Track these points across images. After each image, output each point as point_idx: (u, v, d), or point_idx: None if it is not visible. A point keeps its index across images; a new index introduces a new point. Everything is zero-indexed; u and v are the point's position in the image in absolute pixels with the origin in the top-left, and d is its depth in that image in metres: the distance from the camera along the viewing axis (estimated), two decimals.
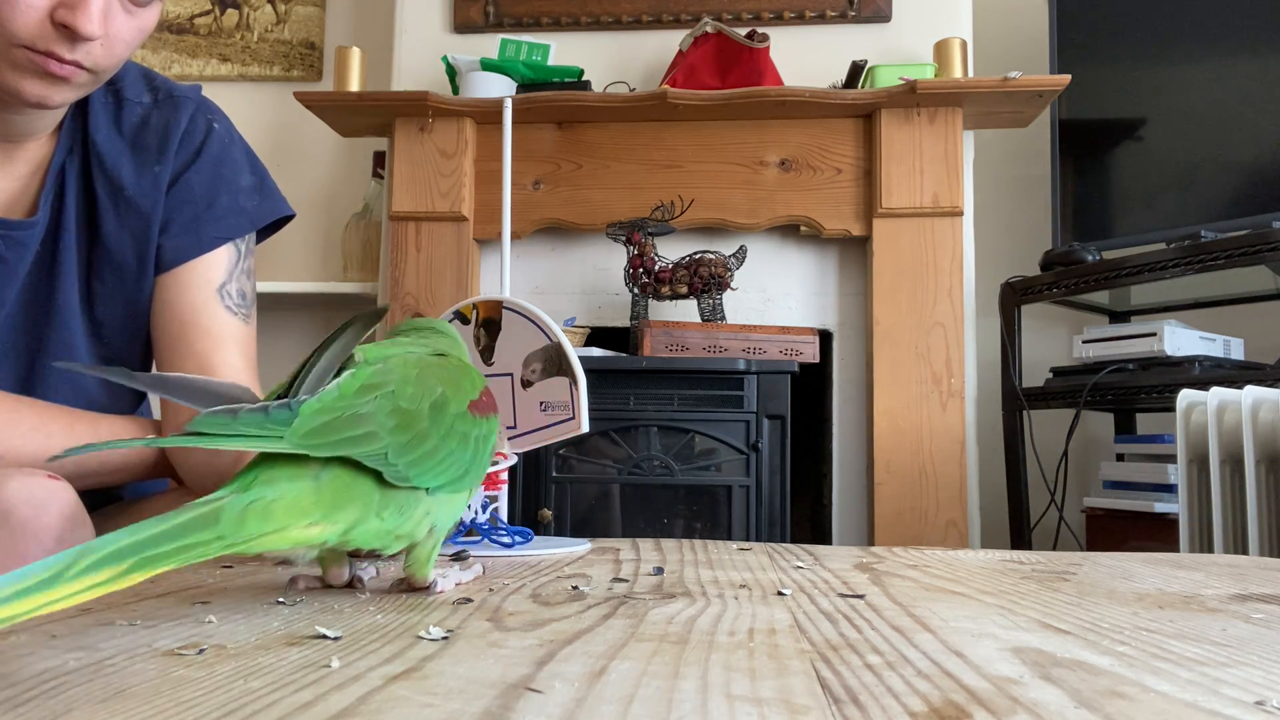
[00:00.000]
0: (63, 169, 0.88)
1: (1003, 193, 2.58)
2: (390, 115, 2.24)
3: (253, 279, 0.97)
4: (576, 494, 1.97)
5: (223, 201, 0.93)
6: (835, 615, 0.47)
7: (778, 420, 1.93)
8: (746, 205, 2.20)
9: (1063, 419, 2.15)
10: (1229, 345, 2.03)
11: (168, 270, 0.91)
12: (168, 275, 0.91)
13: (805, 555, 0.77)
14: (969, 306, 2.16)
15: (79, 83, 0.80)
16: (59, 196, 0.88)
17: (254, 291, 0.97)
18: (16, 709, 0.27)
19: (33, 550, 0.66)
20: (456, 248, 2.23)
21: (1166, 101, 2.20)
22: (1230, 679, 0.33)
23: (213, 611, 0.44)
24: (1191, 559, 0.77)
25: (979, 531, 2.13)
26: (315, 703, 0.28)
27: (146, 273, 0.91)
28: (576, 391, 0.82)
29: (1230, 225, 1.97)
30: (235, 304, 0.93)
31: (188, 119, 0.93)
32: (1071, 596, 0.54)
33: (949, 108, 2.13)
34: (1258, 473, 1.49)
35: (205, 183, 0.92)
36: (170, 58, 2.85)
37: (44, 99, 0.79)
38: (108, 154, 0.89)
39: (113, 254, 0.90)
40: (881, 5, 2.30)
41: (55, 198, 0.88)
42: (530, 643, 0.38)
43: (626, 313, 2.20)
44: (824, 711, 0.28)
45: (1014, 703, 0.29)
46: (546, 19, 2.38)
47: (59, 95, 0.80)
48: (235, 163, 0.95)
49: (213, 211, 0.92)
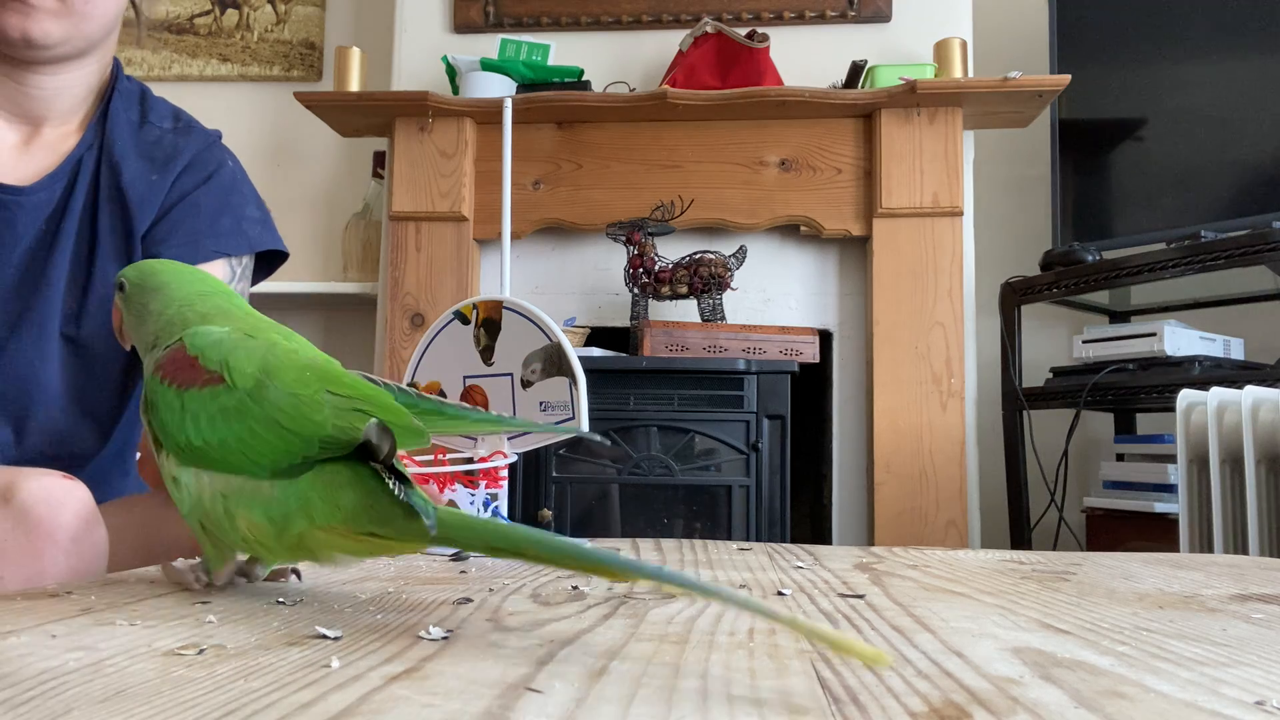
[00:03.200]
0: (79, 160, 0.94)
1: (1003, 193, 2.58)
2: (390, 115, 2.24)
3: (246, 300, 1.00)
4: (576, 494, 1.97)
5: (226, 223, 0.98)
6: (835, 615, 0.47)
7: (778, 420, 1.93)
8: (746, 205, 2.20)
9: (1063, 419, 2.15)
10: (1229, 345, 2.03)
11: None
12: None
13: (805, 555, 0.77)
14: (969, 306, 2.16)
15: (47, 8, 0.86)
16: (71, 182, 0.93)
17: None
18: (16, 709, 0.27)
19: (48, 548, 0.66)
20: (456, 248, 2.23)
21: (1166, 101, 2.20)
22: (1230, 679, 0.33)
23: (213, 611, 0.44)
24: (1191, 559, 0.77)
25: (979, 531, 2.13)
26: (315, 703, 0.28)
27: None
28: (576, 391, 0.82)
29: (1230, 225, 1.97)
30: None
31: (201, 148, 1.00)
32: (1071, 596, 0.54)
33: (949, 108, 2.13)
34: (1258, 473, 1.49)
35: (212, 204, 0.98)
36: (170, 58, 2.85)
37: (24, 31, 0.85)
38: (118, 153, 0.95)
39: (102, 245, 0.94)
40: (881, 5, 2.30)
41: (67, 183, 0.93)
42: (530, 643, 0.38)
43: (626, 313, 2.20)
44: (824, 712, 0.28)
45: (1014, 703, 0.29)
46: (546, 19, 2.38)
47: (36, 27, 0.86)
48: (244, 196, 1.02)
49: (215, 228, 0.97)
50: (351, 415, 0.46)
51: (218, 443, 0.48)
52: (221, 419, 0.48)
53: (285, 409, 0.47)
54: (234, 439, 0.47)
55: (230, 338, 0.51)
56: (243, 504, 0.48)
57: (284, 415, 0.47)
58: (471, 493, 0.80)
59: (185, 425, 0.49)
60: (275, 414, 0.47)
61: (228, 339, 0.51)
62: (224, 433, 0.48)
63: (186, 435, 0.49)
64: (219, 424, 0.48)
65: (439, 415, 0.52)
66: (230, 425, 0.47)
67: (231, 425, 0.47)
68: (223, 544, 0.50)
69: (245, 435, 0.47)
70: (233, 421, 0.48)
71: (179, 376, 0.51)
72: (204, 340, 0.51)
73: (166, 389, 0.51)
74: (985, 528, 2.21)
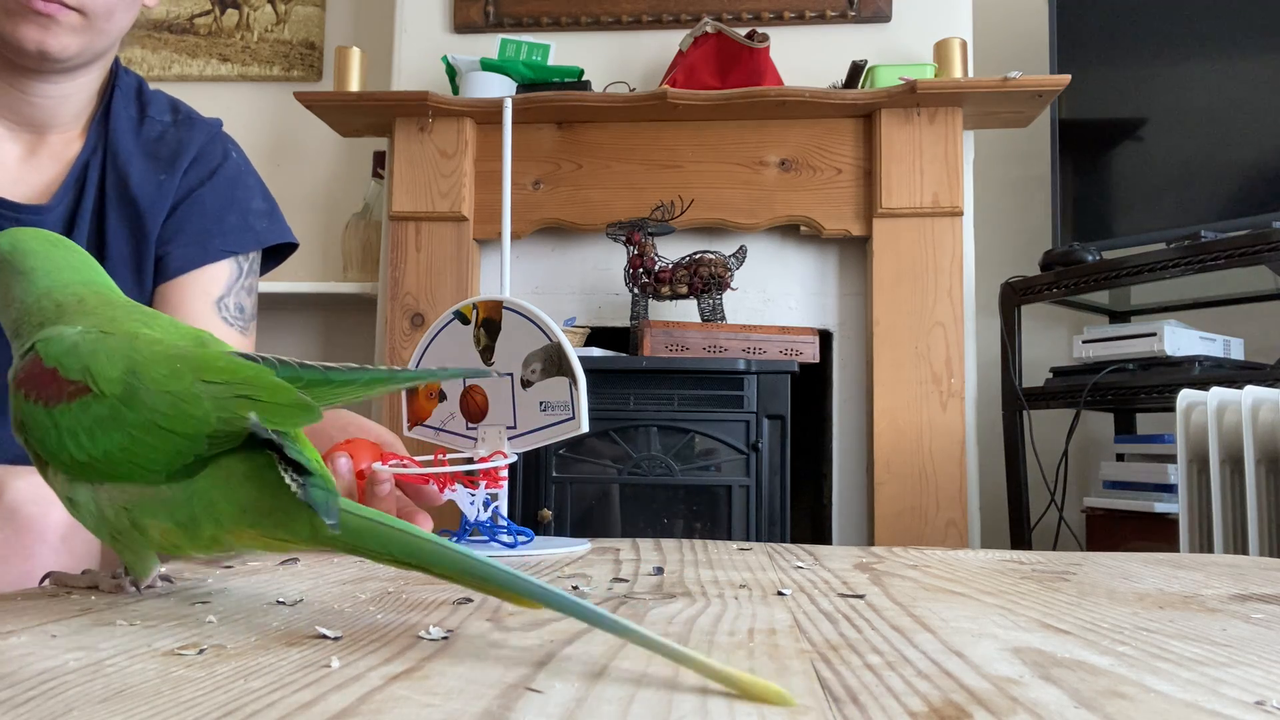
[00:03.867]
0: (85, 166, 0.93)
1: (1003, 193, 2.58)
2: (390, 115, 2.24)
3: (254, 296, 1.00)
4: (576, 494, 1.97)
5: (232, 219, 0.98)
6: (835, 615, 0.47)
7: (778, 420, 1.93)
8: (746, 205, 2.20)
9: (1063, 419, 2.15)
10: (1229, 345, 2.03)
11: (170, 279, 0.94)
12: (169, 285, 0.94)
13: (805, 555, 0.77)
14: (969, 306, 2.16)
15: (69, 24, 0.85)
16: (79, 191, 0.93)
17: (254, 307, 1.01)
18: (16, 709, 0.27)
19: (37, 547, 0.66)
20: (456, 248, 2.23)
21: (1166, 101, 2.20)
22: (1230, 679, 0.33)
23: (213, 611, 0.44)
24: (1191, 559, 0.77)
25: (979, 531, 2.13)
26: (315, 703, 0.28)
27: (143, 276, 0.94)
28: (576, 391, 0.82)
29: (1230, 225, 1.97)
30: (233, 316, 0.96)
31: (204, 141, 0.99)
32: (1071, 596, 0.54)
33: (949, 108, 2.13)
34: (1258, 473, 1.49)
35: (218, 200, 0.97)
36: (170, 58, 2.85)
37: (41, 44, 0.85)
38: (123, 155, 0.94)
39: (112, 250, 0.93)
40: (881, 5, 2.30)
41: (75, 192, 0.93)
42: (530, 643, 0.38)
43: (626, 313, 2.20)
44: (824, 711, 0.28)
45: (1014, 703, 0.29)
46: (546, 19, 2.38)
47: (55, 41, 0.85)
48: (249, 188, 1.01)
49: (221, 226, 0.96)
50: (234, 403, 0.43)
51: (101, 455, 0.44)
52: (99, 430, 0.44)
53: (162, 409, 0.44)
54: (117, 449, 0.44)
55: (86, 339, 0.47)
56: (147, 512, 0.45)
57: (162, 416, 0.43)
58: (471, 493, 0.80)
59: (64, 443, 0.45)
60: (153, 416, 0.44)
61: (84, 341, 0.47)
62: (105, 444, 0.44)
63: (68, 453, 0.45)
64: (98, 436, 0.44)
65: (326, 384, 0.46)
66: (110, 436, 0.44)
67: (111, 435, 0.44)
68: (140, 552, 0.48)
69: (127, 444, 0.44)
70: (110, 431, 0.44)
71: (42, 392, 0.46)
72: (58, 347, 0.47)
73: (33, 407, 0.47)
74: (985, 528, 2.21)
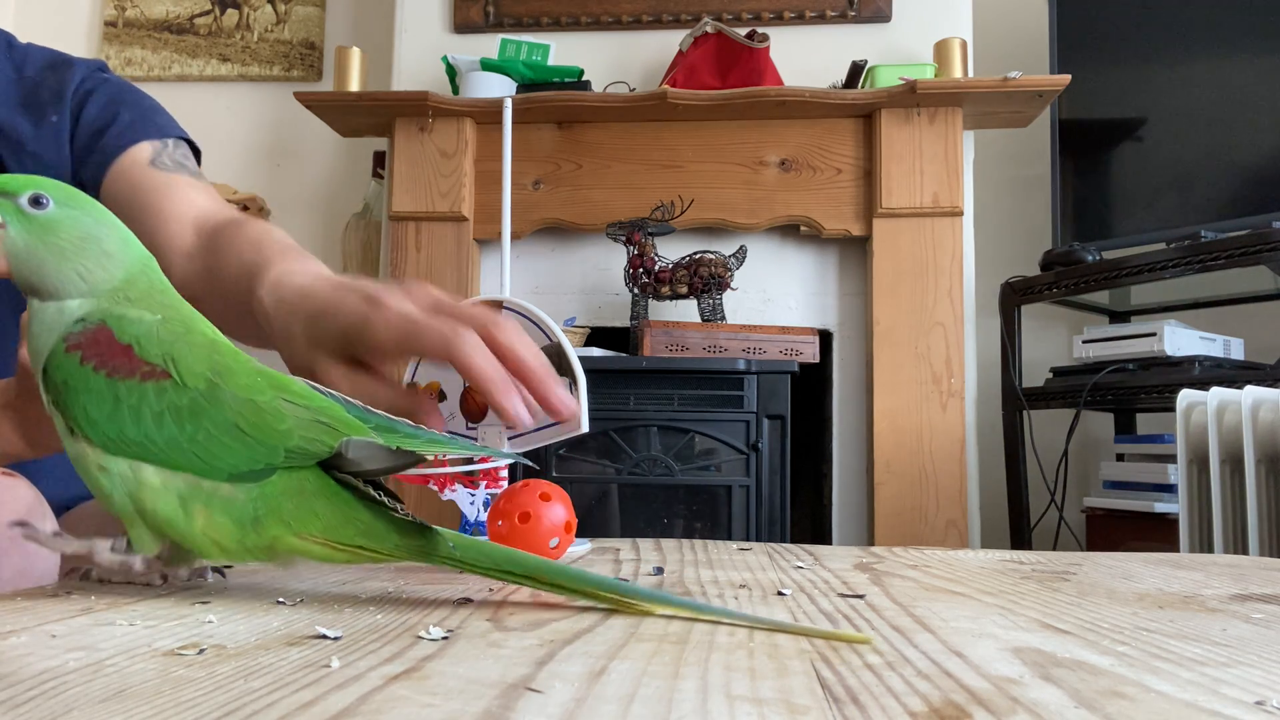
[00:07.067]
0: None
1: (1003, 193, 2.58)
2: (390, 115, 2.24)
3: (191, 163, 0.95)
4: (576, 494, 1.97)
5: (125, 116, 0.92)
6: (835, 615, 0.47)
7: (778, 420, 1.93)
8: (746, 205, 2.20)
9: (1063, 419, 2.15)
10: (1229, 345, 2.03)
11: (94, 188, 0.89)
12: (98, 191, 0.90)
13: (805, 555, 0.77)
14: (969, 306, 2.16)
15: None
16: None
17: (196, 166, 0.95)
18: (16, 709, 0.27)
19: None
20: (456, 248, 2.23)
21: (1166, 101, 2.20)
22: (1230, 679, 0.33)
23: (213, 611, 0.44)
24: (1191, 559, 0.77)
25: (979, 531, 2.14)
26: (315, 703, 0.28)
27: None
28: (577, 391, 0.82)
29: (1230, 225, 1.97)
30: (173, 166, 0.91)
31: (82, 76, 0.94)
32: (1071, 596, 0.54)
33: (949, 108, 2.13)
34: (1258, 473, 1.49)
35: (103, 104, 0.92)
36: (170, 58, 2.85)
37: None
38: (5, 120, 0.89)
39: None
40: (881, 5, 2.30)
41: None
42: (530, 643, 0.38)
43: (626, 313, 2.20)
44: (824, 711, 0.28)
45: (1014, 703, 0.29)
46: (546, 19, 2.38)
47: None
48: (136, 94, 0.96)
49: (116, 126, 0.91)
50: (316, 428, 0.45)
51: (164, 441, 0.45)
52: (171, 417, 0.45)
53: (246, 415, 0.45)
54: (186, 439, 0.45)
55: (167, 329, 0.47)
56: (201, 502, 0.46)
57: (245, 421, 0.45)
58: (471, 493, 0.80)
59: (121, 417, 0.46)
60: (235, 419, 0.45)
61: (165, 330, 0.47)
62: (173, 432, 0.45)
63: (120, 428, 0.46)
64: (168, 422, 0.45)
65: (391, 434, 0.47)
66: (182, 425, 0.45)
67: (184, 425, 0.45)
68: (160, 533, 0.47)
69: (200, 437, 0.45)
70: (185, 422, 0.45)
71: (108, 362, 0.46)
72: (137, 329, 0.47)
73: (90, 372, 0.46)
74: (985, 528, 2.21)
